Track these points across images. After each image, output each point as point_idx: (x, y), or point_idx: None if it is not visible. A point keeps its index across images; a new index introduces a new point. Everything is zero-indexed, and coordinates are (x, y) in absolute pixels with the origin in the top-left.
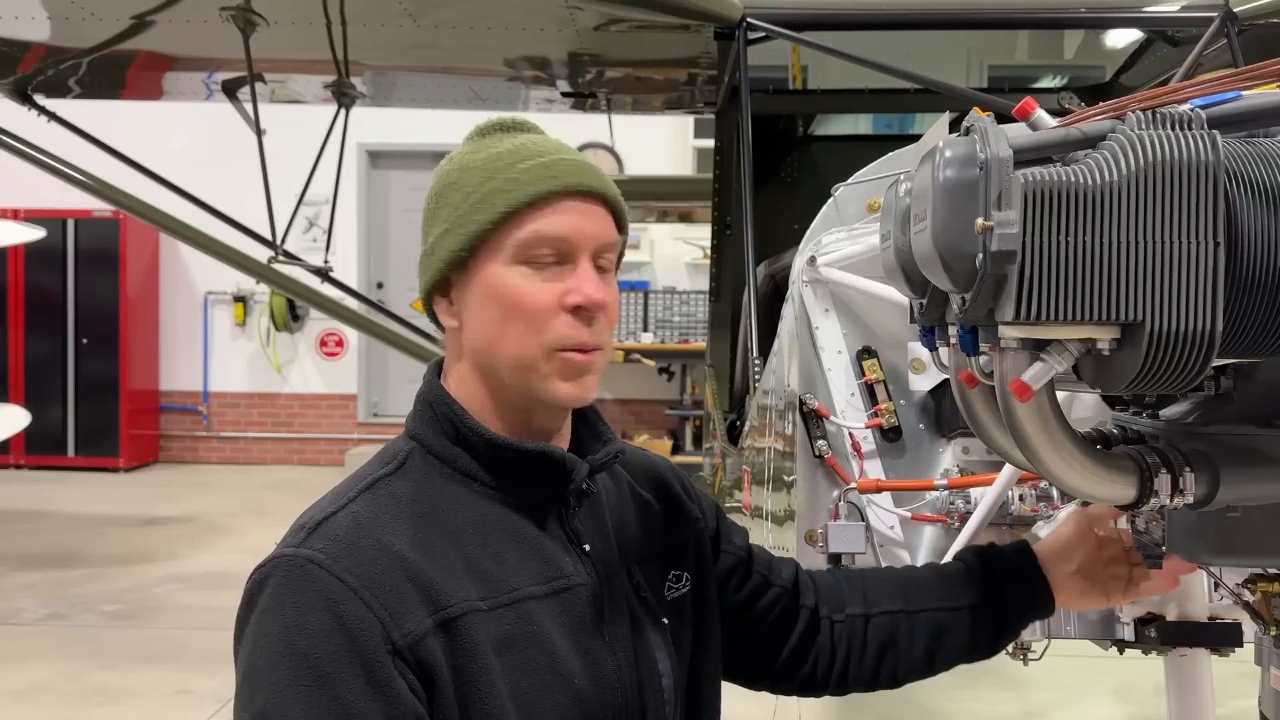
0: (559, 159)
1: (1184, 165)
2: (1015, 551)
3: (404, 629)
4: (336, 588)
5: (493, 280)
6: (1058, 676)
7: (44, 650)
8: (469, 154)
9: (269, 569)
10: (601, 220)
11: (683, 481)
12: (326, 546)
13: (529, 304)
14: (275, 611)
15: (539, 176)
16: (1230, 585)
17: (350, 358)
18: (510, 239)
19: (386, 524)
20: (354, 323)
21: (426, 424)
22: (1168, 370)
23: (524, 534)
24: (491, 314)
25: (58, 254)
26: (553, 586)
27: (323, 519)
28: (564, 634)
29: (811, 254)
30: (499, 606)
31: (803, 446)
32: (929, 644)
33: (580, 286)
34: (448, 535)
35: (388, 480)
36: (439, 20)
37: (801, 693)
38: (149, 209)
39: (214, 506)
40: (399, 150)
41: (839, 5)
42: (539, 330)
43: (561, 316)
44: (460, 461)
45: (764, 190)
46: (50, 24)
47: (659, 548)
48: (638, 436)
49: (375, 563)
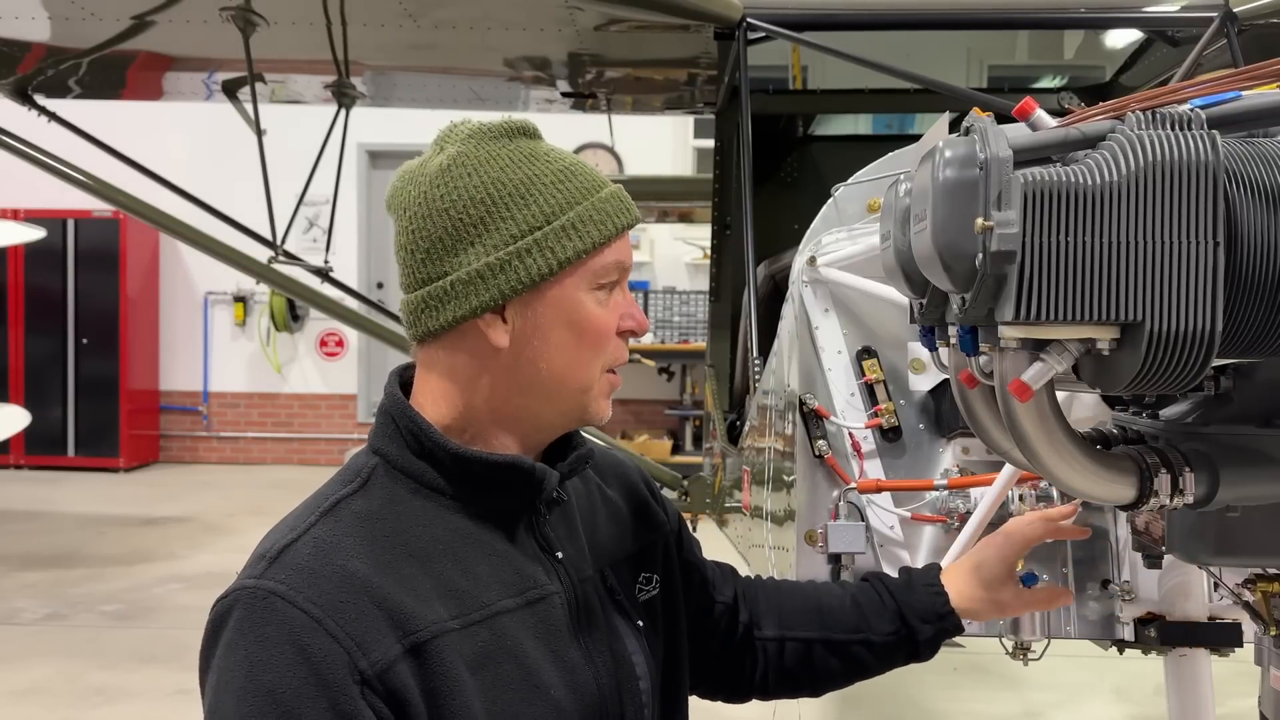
0: (617, 189)
1: (1184, 165)
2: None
3: (371, 658)
4: (300, 620)
5: (571, 304)
6: (1058, 676)
7: (44, 650)
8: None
9: (231, 601)
10: (630, 244)
11: (649, 485)
12: (288, 577)
13: (604, 329)
14: (239, 646)
15: (619, 209)
16: (1230, 585)
17: (350, 358)
18: (591, 266)
19: (349, 547)
20: (354, 323)
21: (389, 438)
22: (1168, 370)
23: (494, 546)
24: (564, 337)
25: (58, 254)
26: (526, 597)
27: (284, 547)
28: (539, 645)
29: (811, 254)
30: (471, 624)
31: (803, 446)
32: (844, 667)
33: (633, 312)
34: (415, 554)
35: (349, 500)
36: (439, 20)
37: (727, 699)
38: (149, 209)
39: (214, 506)
40: (399, 150)
41: (839, 5)
42: (603, 352)
43: (616, 340)
44: (425, 476)
45: (764, 190)
46: (50, 24)
47: (630, 549)
48: (638, 436)
49: (339, 591)
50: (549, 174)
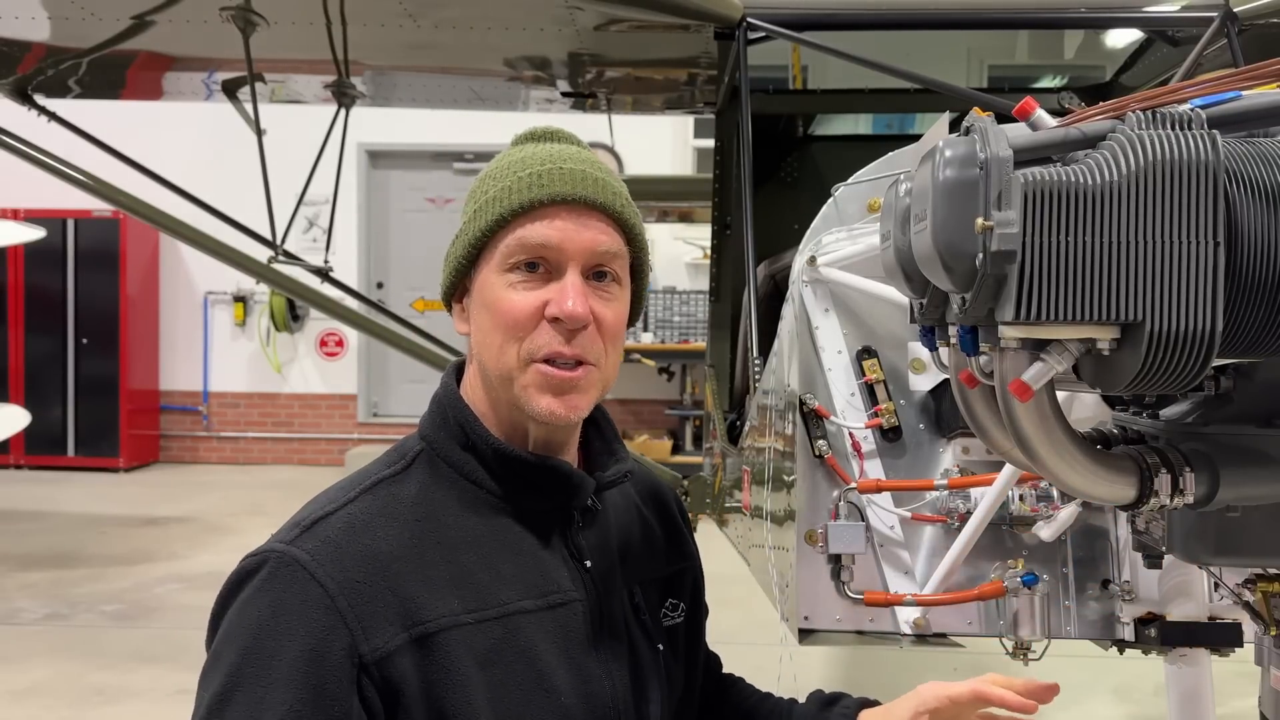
0: (556, 168)
1: (1184, 165)
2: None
3: (373, 643)
4: (315, 593)
5: (483, 287)
6: (1058, 676)
7: (44, 650)
8: (493, 162)
9: (259, 560)
10: (595, 231)
11: (684, 513)
12: (315, 548)
13: (508, 312)
14: (254, 605)
15: (529, 185)
16: (1230, 585)
17: (350, 358)
18: (499, 246)
19: (380, 528)
20: (354, 323)
21: (438, 427)
22: (1168, 370)
23: (523, 547)
24: (483, 320)
25: (58, 254)
26: (548, 601)
27: (319, 518)
28: (555, 649)
29: (811, 254)
30: (486, 620)
31: (803, 446)
32: None
33: (559, 298)
34: (444, 543)
35: (391, 481)
36: (439, 20)
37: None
38: (149, 209)
39: (214, 506)
40: (399, 150)
41: (839, 5)
42: (520, 340)
43: (542, 327)
44: (468, 468)
45: (764, 190)
46: (50, 24)
47: (660, 572)
48: (638, 436)
49: (359, 570)
50: (498, 167)
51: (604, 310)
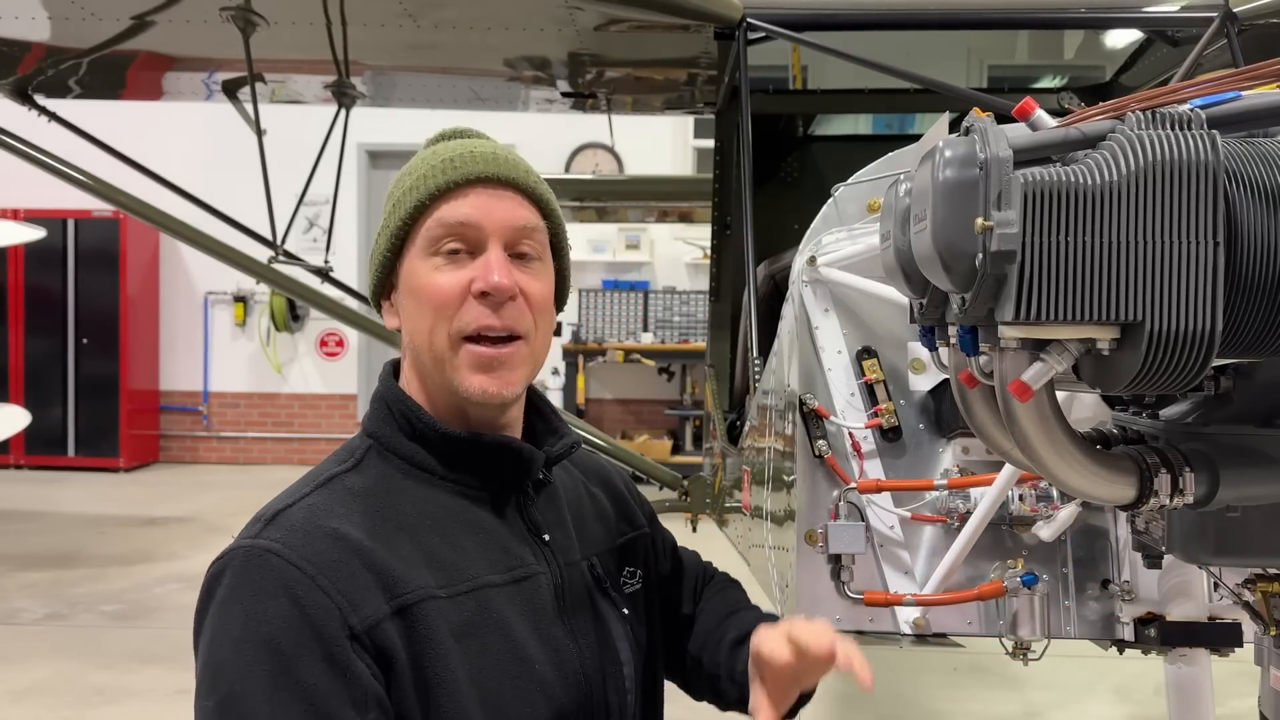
0: (467, 153)
1: (1184, 165)
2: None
3: (361, 614)
4: (294, 575)
5: (408, 274)
6: (1058, 676)
7: (44, 650)
8: (407, 164)
9: (226, 560)
10: (512, 205)
11: (629, 485)
12: (283, 536)
13: (436, 292)
14: (234, 601)
15: (443, 170)
16: (1230, 585)
17: (350, 358)
18: (420, 232)
19: (341, 514)
20: (354, 323)
21: (383, 421)
22: (1168, 370)
23: (483, 524)
24: (411, 308)
25: (58, 254)
26: (513, 575)
27: (279, 510)
28: (524, 621)
29: (811, 254)
30: (458, 594)
31: (803, 446)
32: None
33: (483, 273)
34: (404, 528)
35: (343, 476)
36: (439, 20)
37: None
38: (149, 209)
39: (214, 506)
40: (399, 150)
41: (839, 5)
42: (449, 319)
43: (470, 303)
44: (417, 456)
45: (764, 190)
46: (50, 24)
47: (614, 542)
48: (638, 436)
49: (331, 551)
50: (416, 163)
51: (529, 283)
